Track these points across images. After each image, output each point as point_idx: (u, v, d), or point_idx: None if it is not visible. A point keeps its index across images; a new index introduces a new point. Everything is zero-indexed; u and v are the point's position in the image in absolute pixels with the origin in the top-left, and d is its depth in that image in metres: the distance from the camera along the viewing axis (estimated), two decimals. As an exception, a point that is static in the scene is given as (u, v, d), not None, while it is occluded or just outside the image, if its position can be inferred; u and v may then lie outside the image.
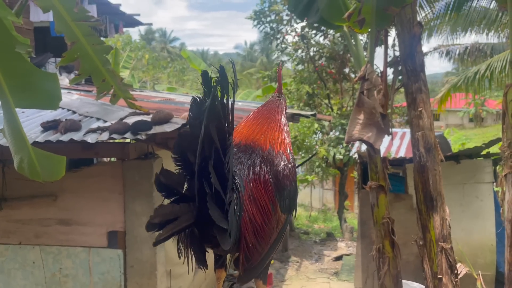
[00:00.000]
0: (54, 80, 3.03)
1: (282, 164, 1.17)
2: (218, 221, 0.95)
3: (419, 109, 2.98)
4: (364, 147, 4.01)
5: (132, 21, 10.51)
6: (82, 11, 3.35)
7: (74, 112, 4.29)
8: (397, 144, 10.41)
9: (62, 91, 1.92)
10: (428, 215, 2.96)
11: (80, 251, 4.16)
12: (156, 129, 3.39)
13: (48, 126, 3.69)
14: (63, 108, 4.40)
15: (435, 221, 2.91)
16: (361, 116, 3.04)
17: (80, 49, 3.47)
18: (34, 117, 4.20)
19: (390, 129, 3.17)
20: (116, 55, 11.16)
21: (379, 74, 3.43)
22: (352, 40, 3.26)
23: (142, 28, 36.93)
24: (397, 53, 3.35)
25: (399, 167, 10.15)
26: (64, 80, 7.27)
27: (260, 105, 1.41)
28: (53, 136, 3.51)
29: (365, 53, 3.32)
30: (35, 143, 3.34)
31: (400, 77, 3.22)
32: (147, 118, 3.57)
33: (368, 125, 3.03)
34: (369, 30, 3.07)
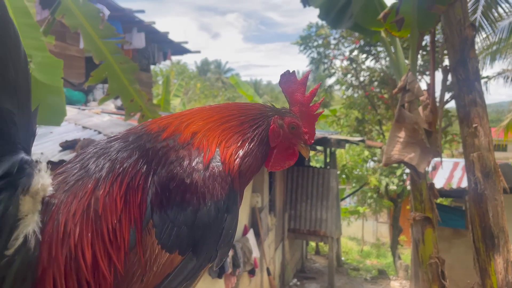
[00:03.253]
0: (58, 94, 2.84)
1: (184, 165, 0.67)
2: None
3: (474, 125, 2.45)
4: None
5: (180, 49, 10.68)
6: (107, 28, 3.20)
7: (99, 133, 4.17)
8: (458, 175, 9.49)
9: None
10: (487, 256, 2.38)
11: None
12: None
13: (66, 145, 3.58)
14: (90, 129, 4.33)
15: (496, 264, 2.33)
16: (402, 134, 2.56)
17: (108, 68, 3.31)
18: (60, 137, 4.11)
19: (439, 149, 2.66)
20: (167, 83, 11.36)
21: (427, 88, 2.95)
22: (391, 47, 2.82)
23: (198, 60, 38.13)
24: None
25: (460, 200, 9.15)
26: (110, 105, 7.33)
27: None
28: (68, 156, 3.37)
29: (406, 62, 2.85)
30: (49, 163, 3.21)
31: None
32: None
33: (410, 144, 2.54)
34: (409, 33, 2.63)
